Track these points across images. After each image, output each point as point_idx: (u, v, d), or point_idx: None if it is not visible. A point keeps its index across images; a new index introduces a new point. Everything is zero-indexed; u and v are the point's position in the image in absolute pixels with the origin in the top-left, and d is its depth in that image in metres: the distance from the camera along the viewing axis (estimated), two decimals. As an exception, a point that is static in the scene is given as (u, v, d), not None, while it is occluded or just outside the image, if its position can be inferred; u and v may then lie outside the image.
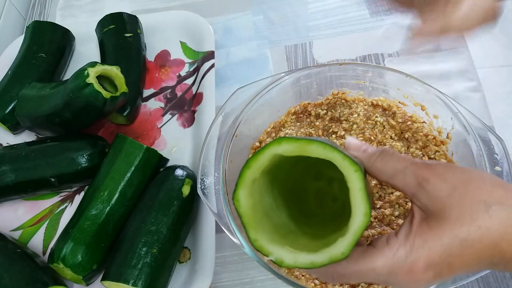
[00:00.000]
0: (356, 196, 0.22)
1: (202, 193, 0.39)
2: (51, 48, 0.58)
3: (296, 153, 0.23)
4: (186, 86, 0.58)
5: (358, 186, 0.22)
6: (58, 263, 0.43)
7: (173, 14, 0.63)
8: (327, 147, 0.23)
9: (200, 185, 0.40)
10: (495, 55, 0.61)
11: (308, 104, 0.47)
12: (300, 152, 0.23)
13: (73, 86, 0.46)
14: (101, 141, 0.51)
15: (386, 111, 0.46)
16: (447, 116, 0.41)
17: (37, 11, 0.73)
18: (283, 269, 0.39)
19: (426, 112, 0.44)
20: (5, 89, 0.55)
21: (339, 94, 0.47)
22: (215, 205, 0.39)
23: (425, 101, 0.44)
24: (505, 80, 0.59)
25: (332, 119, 0.46)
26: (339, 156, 0.23)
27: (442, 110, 0.42)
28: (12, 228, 0.51)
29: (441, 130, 0.43)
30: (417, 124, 0.44)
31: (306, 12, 0.64)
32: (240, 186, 0.24)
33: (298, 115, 0.47)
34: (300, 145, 0.23)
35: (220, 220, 0.37)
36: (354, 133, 0.44)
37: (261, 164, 0.24)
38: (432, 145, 0.43)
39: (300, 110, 0.47)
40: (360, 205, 0.22)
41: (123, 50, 0.57)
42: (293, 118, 0.47)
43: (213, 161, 0.41)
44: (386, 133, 0.44)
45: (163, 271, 0.42)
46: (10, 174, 0.48)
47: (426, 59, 0.57)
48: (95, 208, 0.45)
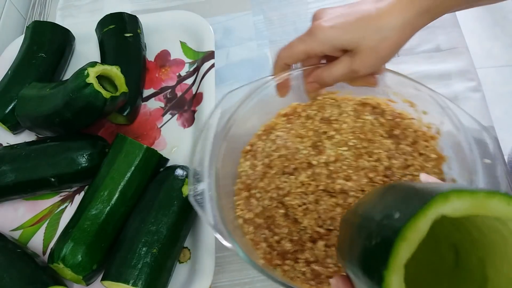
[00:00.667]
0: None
1: (194, 200, 0.38)
2: (51, 48, 0.58)
3: (470, 211, 0.16)
4: (186, 86, 0.58)
5: None
6: (58, 263, 0.43)
7: (173, 14, 0.63)
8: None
9: (192, 192, 0.38)
10: (496, 55, 0.61)
11: (298, 105, 0.47)
12: (476, 210, 0.16)
13: (73, 86, 0.46)
14: (101, 141, 0.51)
15: (375, 109, 0.46)
16: (436, 111, 0.41)
17: (37, 11, 0.73)
18: (277, 271, 0.39)
19: (415, 108, 0.44)
20: (5, 89, 0.55)
21: (329, 94, 0.47)
22: (209, 211, 0.37)
23: (414, 98, 0.44)
24: (506, 80, 0.59)
25: (323, 119, 0.46)
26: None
27: (430, 106, 0.42)
28: (12, 228, 0.51)
29: (431, 126, 0.43)
30: (406, 121, 0.44)
31: (306, 12, 0.64)
32: (393, 270, 0.16)
33: (289, 116, 0.47)
34: (477, 200, 0.16)
35: (213, 226, 0.37)
36: (345, 132, 0.44)
37: (421, 233, 0.16)
38: (422, 141, 0.43)
39: (291, 112, 0.47)
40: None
41: (123, 50, 0.57)
42: (284, 120, 0.47)
43: (205, 166, 0.40)
44: (376, 131, 0.44)
45: (163, 271, 0.42)
46: (10, 174, 0.48)
47: (426, 59, 0.57)
48: (95, 208, 0.45)
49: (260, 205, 0.42)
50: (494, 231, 0.18)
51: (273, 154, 0.43)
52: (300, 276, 0.39)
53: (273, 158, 0.43)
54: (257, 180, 0.43)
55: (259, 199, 0.42)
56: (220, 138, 0.42)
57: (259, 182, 0.43)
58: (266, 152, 0.44)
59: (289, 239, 0.40)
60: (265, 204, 0.42)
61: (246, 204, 0.42)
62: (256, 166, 0.44)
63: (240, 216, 0.42)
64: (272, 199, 0.41)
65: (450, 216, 0.16)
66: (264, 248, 0.40)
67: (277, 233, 0.41)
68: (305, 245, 0.40)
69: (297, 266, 0.39)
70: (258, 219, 0.41)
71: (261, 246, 0.40)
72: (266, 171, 0.43)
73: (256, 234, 0.41)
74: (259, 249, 0.40)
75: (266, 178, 0.43)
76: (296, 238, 0.40)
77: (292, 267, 0.39)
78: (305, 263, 0.39)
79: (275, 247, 0.40)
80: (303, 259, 0.39)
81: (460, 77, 0.55)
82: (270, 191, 0.42)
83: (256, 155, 0.45)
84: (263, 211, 0.42)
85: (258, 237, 0.41)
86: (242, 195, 0.43)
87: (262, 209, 0.42)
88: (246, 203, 0.42)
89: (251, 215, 0.42)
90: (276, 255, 0.40)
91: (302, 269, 0.39)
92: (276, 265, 0.39)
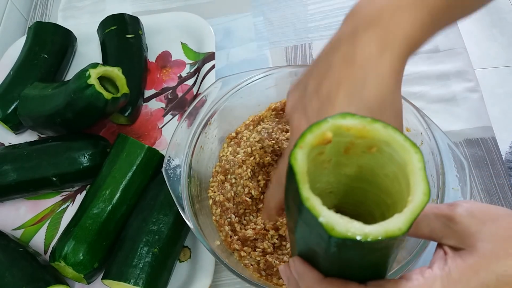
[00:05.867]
0: (416, 175, 0.21)
1: (165, 173, 0.41)
2: (53, 49, 0.59)
3: (358, 129, 0.22)
4: (187, 87, 0.59)
5: (418, 166, 0.21)
6: (59, 261, 0.43)
7: (174, 15, 0.64)
8: (389, 127, 0.22)
9: (166, 165, 0.41)
10: (494, 56, 0.62)
11: None
12: (362, 130, 0.22)
13: (75, 87, 0.47)
14: (103, 141, 0.52)
15: None
16: (418, 130, 0.41)
17: (38, 12, 0.73)
18: (234, 255, 0.41)
19: None
20: (7, 89, 0.56)
21: None
22: (178, 186, 0.40)
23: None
24: (504, 80, 0.60)
25: None
26: (401, 137, 0.22)
27: (414, 124, 0.42)
28: (14, 227, 0.51)
29: None
30: None
31: (306, 13, 0.64)
32: (299, 146, 0.21)
33: (278, 111, 0.48)
34: (364, 121, 0.22)
35: (177, 201, 0.39)
36: None
37: (322, 132, 0.22)
38: None
39: (281, 107, 0.48)
40: (420, 184, 0.21)
41: (124, 51, 0.58)
42: (273, 114, 0.48)
43: (183, 143, 0.43)
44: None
45: (164, 271, 0.43)
46: (12, 174, 0.49)
47: (425, 59, 0.57)
48: (97, 207, 0.45)
49: (233, 190, 0.44)
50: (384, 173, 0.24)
51: (256, 145, 0.45)
52: (253, 264, 0.40)
53: (255, 149, 0.45)
54: (236, 166, 0.45)
55: (233, 184, 0.44)
56: (204, 121, 0.44)
57: (237, 168, 0.44)
58: (250, 142, 0.46)
59: (253, 228, 0.42)
60: (238, 191, 0.43)
61: (219, 187, 0.45)
62: (238, 153, 0.46)
63: (211, 197, 0.44)
64: (245, 187, 0.43)
65: (344, 127, 0.22)
66: (227, 232, 0.42)
67: (242, 220, 0.43)
68: (266, 235, 0.41)
69: (253, 254, 0.40)
70: (228, 203, 0.43)
71: (224, 229, 0.42)
72: (246, 159, 0.45)
73: (222, 217, 0.43)
74: (222, 231, 0.42)
75: (244, 166, 0.44)
76: (259, 228, 0.42)
77: (248, 254, 0.41)
78: (261, 253, 0.41)
79: (238, 232, 0.42)
80: (261, 249, 0.41)
81: (458, 78, 0.56)
82: (244, 179, 0.44)
83: (240, 143, 0.47)
84: (234, 196, 0.43)
85: (223, 220, 0.43)
86: (218, 177, 0.45)
87: (234, 194, 0.43)
88: (219, 186, 0.45)
89: (221, 198, 0.44)
90: (237, 240, 0.41)
91: (257, 258, 0.40)
92: (234, 250, 0.41)
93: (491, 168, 0.49)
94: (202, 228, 0.39)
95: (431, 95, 0.55)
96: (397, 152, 0.22)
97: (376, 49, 0.27)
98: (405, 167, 0.22)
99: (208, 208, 0.44)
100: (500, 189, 0.48)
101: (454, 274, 0.24)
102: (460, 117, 0.53)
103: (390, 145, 0.22)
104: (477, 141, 0.51)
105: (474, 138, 0.51)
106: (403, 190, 0.22)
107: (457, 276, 0.24)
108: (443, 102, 0.54)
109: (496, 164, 0.50)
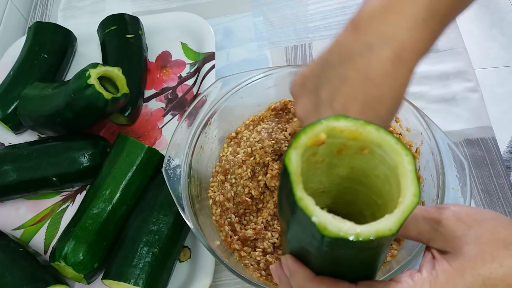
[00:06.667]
0: (407, 177, 0.22)
1: (165, 173, 0.41)
2: (53, 49, 0.59)
3: (351, 131, 0.22)
4: (187, 87, 0.59)
5: (409, 168, 0.22)
6: (59, 261, 0.43)
7: (174, 15, 0.64)
8: (381, 130, 0.22)
9: (166, 165, 0.41)
10: (494, 55, 0.62)
11: (288, 102, 0.48)
12: (355, 132, 0.22)
13: (75, 87, 0.47)
14: (103, 141, 0.52)
15: None
16: (418, 130, 0.41)
17: (38, 12, 0.73)
18: (234, 255, 0.40)
19: (400, 124, 0.45)
20: (7, 89, 0.56)
21: None
22: (178, 186, 0.40)
23: (400, 114, 0.44)
24: (504, 80, 0.60)
25: None
26: (392, 140, 0.22)
27: (414, 124, 0.42)
28: (14, 227, 0.51)
29: (412, 144, 0.44)
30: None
31: (306, 13, 0.64)
32: (293, 146, 0.22)
33: (278, 111, 0.48)
34: (357, 123, 0.22)
35: (177, 201, 0.40)
36: None
37: (316, 134, 0.22)
38: None
39: (280, 107, 0.48)
40: (411, 185, 0.21)
41: (124, 51, 0.58)
42: (273, 114, 0.48)
43: (183, 143, 0.43)
44: None
45: (164, 271, 0.43)
46: (12, 174, 0.49)
47: (425, 59, 0.57)
48: (97, 207, 0.45)
49: (233, 190, 0.44)
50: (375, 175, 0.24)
51: (256, 145, 0.45)
52: (253, 264, 0.40)
53: (255, 149, 0.45)
54: (235, 166, 0.45)
55: (233, 184, 0.44)
56: (204, 121, 0.44)
57: (237, 168, 0.44)
58: (250, 142, 0.46)
59: (253, 228, 0.42)
60: (238, 191, 0.44)
61: (219, 187, 0.45)
62: (238, 154, 0.46)
63: (211, 197, 0.44)
64: (245, 187, 0.43)
65: (338, 128, 0.22)
66: (227, 232, 0.42)
67: (242, 220, 0.43)
68: (266, 235, 0.41)
69: (253, 254, 0.41)
70: (228, 203, 0.43)
71: (224, 229, 0.42)
72: (246, 159, 0.45)
73: (222, 217, 0.43)
74: (222, 231, 0.42)
75: (244, 166, 0.44)
76: (259, 228, 0.42)
77: (248, 254, 0.41)
78: (262, 253, 0.41)
79: (238, 232, 0.42)
80: (261, 249, 0.41)
81: (458, 78, 0.56)
82: (244, 179, 0.44)
83: (240, 143, 0.47)
84: (234, 196, 0.44)
85: (223, 220, 0.43)
86: (217, 177, 0.45)
87: (234, 194, 0.44)
88: (219, 186, 0.45)
89: (222, 198, 0.44)
90: (237, 240, 0.41)
91: (257, 258, 0.40)
92: (234, 249, 0.41)
93: (491, 168, 0.50)
94: (202, 228, 0.39)
95: (431, 95, 0.55)
96: (389, 154, 0.22)
97: (392, 67, 0.29)
98: (396, 169, 0.22)
99: (208, 208, 0.44)
100: (500, 189, 0.48)
101: (441, 278, 0.24)
102: (460, 117, 0.53)
103: (382, 147, 0.22)
104: (477, 141, 0.51)
105: (474, 138, 0.51)
106: (394, 191, 0.23)
107: (444, 279, 0.24)
108: (443, 102, 0.54)
109: (496, 164, 0.50)
